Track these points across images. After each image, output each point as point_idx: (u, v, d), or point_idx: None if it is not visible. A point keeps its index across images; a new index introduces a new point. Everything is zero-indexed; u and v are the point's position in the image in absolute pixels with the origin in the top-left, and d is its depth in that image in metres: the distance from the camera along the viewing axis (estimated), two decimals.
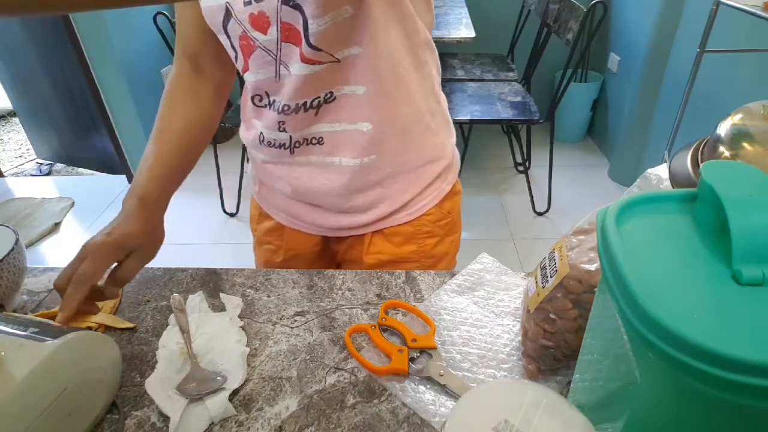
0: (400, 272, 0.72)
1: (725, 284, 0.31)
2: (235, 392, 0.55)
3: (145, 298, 0.69)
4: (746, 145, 0.54)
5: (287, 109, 0.66)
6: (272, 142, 0.71)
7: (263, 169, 0.76)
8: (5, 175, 3.03)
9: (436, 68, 0.73)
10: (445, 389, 0.55)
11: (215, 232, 2.40)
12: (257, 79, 0.67)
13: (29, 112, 2.97)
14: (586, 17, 1.88)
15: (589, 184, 2.71)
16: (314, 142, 0.69)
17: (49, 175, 3.03)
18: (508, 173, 2.81)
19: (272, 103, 0.68)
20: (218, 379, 0.55)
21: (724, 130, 0.56)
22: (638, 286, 0.30)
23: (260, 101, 0.69)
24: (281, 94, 0.66)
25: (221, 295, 0.68)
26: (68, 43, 2.38)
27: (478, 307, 0.65)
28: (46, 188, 2.82)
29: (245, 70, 0.67)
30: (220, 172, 2.48)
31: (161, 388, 0.54)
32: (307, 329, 0.63)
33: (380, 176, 0.71)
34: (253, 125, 0.74)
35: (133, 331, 0.64)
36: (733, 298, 0.30)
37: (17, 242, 0.64)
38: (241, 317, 0.65)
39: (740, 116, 0.56)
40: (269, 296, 0.69)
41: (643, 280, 0.31)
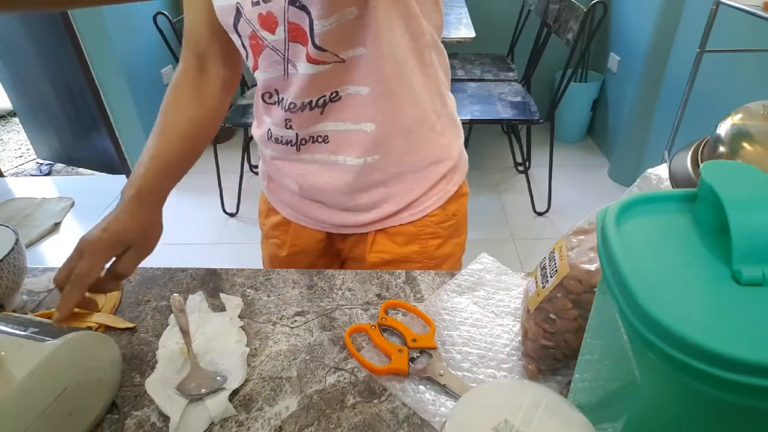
0: (400, 272, 0.72)
1: (725, 284, 0.31)
2: (235, 392, 0.55)
3: (145, 298, 0.69)
4: (746, 145, 0.54)
5: (293, 107, 0.67)
6: (279, 138, 0.72)
7: (272, 165, 0.78)
8: (5, 175, 3.03)
9: (443, 69, 0.73)
10: (445, 389, 0.55)
11: (215, 232, 2.40)
12: (266, 77, 0.68)
13: (29, 112, 2.97)
14: (586, 17, 1.88)
15: (589, 184, 2.70)
16: (320, 140, 0.70)
17: (49, 175, 3.03)
18: (508, 173, 2.81)
19: (280, 100, 0.69)
20: (218, 379, 0.55)
21: (724, 130, 0.56)
22: (638, 286, 0.30)
23: (270, 98, 0.71)
24: (288, 92, 0.67)
25: (221, 295, 0.68)
26: (68, 43, 2.38)
27: (478, 307, 0.65)
28: (46, 188, 2.82)
29: (255, 68, 0.68)
30: (220, 172, 2.48)
31: (161, 388, 0.54)
32: (307, 329, 0.63)
33: (384, 176, 0.72)
34: (263, 122, 0.75)
35: (133, 331, 0.64)
36: (733, 298, 0.30)
37: (17, 242, 0.64)
38: (241, 317, 0.65)
39: (740, 116, 0.56)
40: (269, 296, 0.69)
41: (643, 280, 0.31)
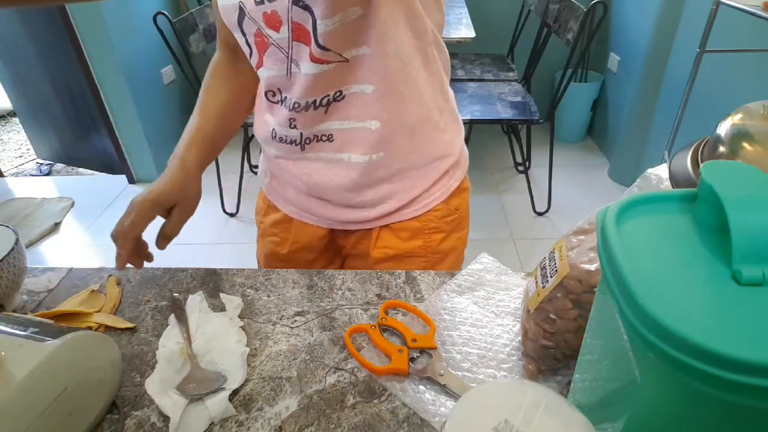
0: (400, 272, 0.72)
1: (725, 284, 0.31)
2: (235, 392, 0.55)
3: (145, 298, 0.69)
4: (746, 145, 0.54)
5: (297, 106, 0.67)
6: (283, 138, 0.73)
7: (275, 163, 0.78)
8: (5, 175, 3.03)
9: (444, 66, 0.74)
10: (445, 389, 0.55)
11: (215, 232, 2.40)
12: (270, 75, 0.68)
13: (29, 112, 2.97)
14: (586, 17, 1.88)
15: (589, 184, 2.70)
16: (324, 139, 0.70)
17: (49, 175, 3.03)
18: (508, 173, 2.81)
19: (284, 100, 0.69)
20: (218, 379, 0.55)
21: (724, 130, 0.56)
22: (638, 286, 0.30)
23: (273, 97, 0.71)
24: (292, 91, 0.67)
25: (221, 295, 0.68)
26: (68, 43, 2.38)
27: (478, 307, 0.65)
28: (46, 188, 2.82)
29: (259, 66, 0.69)
30: (220, 172, 2.48)
31: (161, 388, 0.54)
32: (307, 329, 0.63)
33: (389, 173, 0.72)
34: (266, 121, 0.76)
35: (133, 331, 0.64)
36: (733, 298, 0.30)
37: (17, 242, 0.64)
38: (241, 317, 0.65)
39: (740, 116, 0.56)
40: (269, 296, 0.69)
41: (643, 280, 0.31)
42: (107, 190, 2.77)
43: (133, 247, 0.66)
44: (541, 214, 2.46)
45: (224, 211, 2.51)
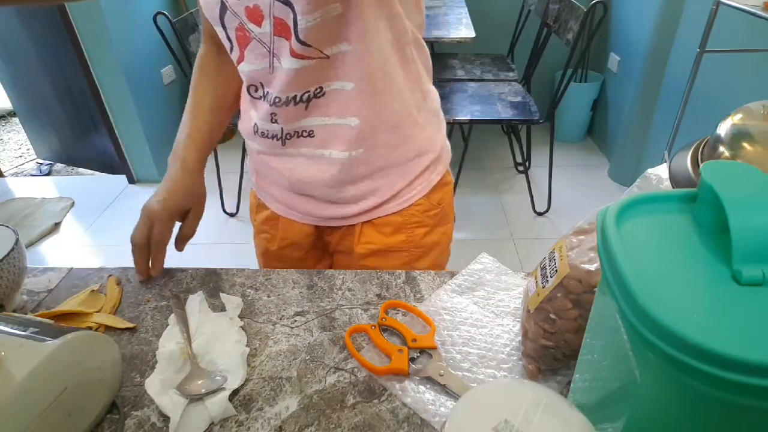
0: (400, 272, 0.72)
1: (725, 284, 0.31)
2: (235, 392, 0.55)
3: (145, 298, 0.69)
4: (746, 145, 0.54)
5: (278, 101, 0.68)
6: (265, 132, 0.73)
7: (258, 159, 0.79)
8: (5, 175, 3.03)
9: (424, 65, 0.75)
10: (445, 389, 0.55)
11: (215, 232, 2.40)
12: (252, 69, 0.69)
13: (29, 112, 2.97)
14: (586, 17, 1.88)
15: (589, 184, 2.71)
16: (305, 134, 0.71)
17: (49, 175, 3.03)
18: (508, 173, 2.81)
19: (266, 95, 0.70)
20: (218, 379, 0.55)
21: (724, 130, 0.56)
22: (638, 286, 0.30)
23: (255, 92, 0.72)
24: (273, 86, 0.68)
25: (221, 295, 0.68)
26: (68, 43, 2.38)
27: (478, 307, 0.65)
28: (46, 188, 2.82)
29: (240, 60, 0.69)
30: (220, 172, 2.48)
31: (161, 388, 0.54)
32: (307, 329, 0.63)
33: (369, 169, 0.73)
34: (249, 116, 0.76)
35: (133, 331, 0.64)
36: (733, 298, 0.30)
37: (17, 242, 0.64)
38: (241, 317, 0.65)
39: (740, 116, 0.56)
40: (269, 296, 0.69)
41: (643, 280, 0.31)
42: (107, 190, 2.77)
43: (165, 254, 0.73)
44: (541, 214, 2.46)
45: (224, 211, 2.51)
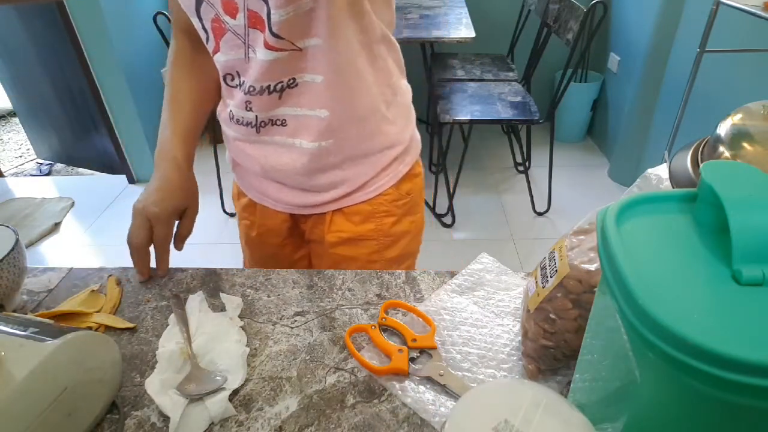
0: (400, 272, 0.72)
1: (725, 284, 0.31)
2: (235, 392, 0.55)
3: (145, 298, 0.69)
4: (746, 145, 0.54)
5: (253, 90, 0.70)
6: (240, 120, 0.75)
7: (235, 146, 0.81)
8: (5, 175, 3.03)
9: (394, 61, 0.77)
10: (445, 389, 0.55)
11: (215, 232, 2.40)
12: (228, 59, 0.70)
13: (29, 112, 2.97)
14: (586, 17, 1.88)
15: (589, 184, 2.70)
16: (278, 123, 0.73)
17: (49, 175, 3.03)
18: (508, 173, 2.81)
19: (241, 83, 0.71)
20: (218, 379, 0.55)
21: (724, 130, 0.56)
22: (638, 286, 0.30)
23: (231, 80, 0.73)
24: (248, 75, 0.70)
25: (221, 295, 0.68)
26: (68, 43, 2.38)
27: (478, 307, 0.65)
28: (46, 188, 2.82)
29: (216, 51, 0.71)
30: (220, 172, 2.48)
31: (161, 388, 0.54)
32: (307, 329, 0.63)
33: (338, 159, 0.75)
34: (226, 103, 0.78)
35: (133, 331, 0.64)
36: (733, 298, 0.30)
37: (17, 242, 0.64)
38: (241, 317, 0.65)
39: (740, 116, 0.56)
40: (269, 296, 0.69)
41: (643, 280, 0.31)
42: (107, 190, 2.77)
43: (169, 255, 0.73)
44: (541, 214, 2.46)
45: (224, 211, 2.51)
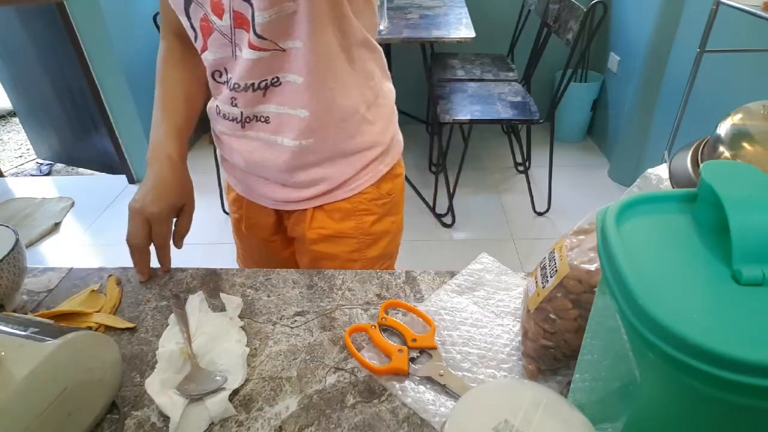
0: (400, 272, 0.72)
1: (725, 284, 0.31)
2: (235, 392, 0.55)
3: (145, 298, 0.69)
4: (746, 145, 0.54)
5: (238, 87, 0.72)
6: (226, 115, 0.77)
7: (221, 140, 0.83)
8: (5, 175, 3.03)
9: (376, 64, 0.78)
10: (445, 389, 0.55)
11: (215, 232, 2.40)
12: (216, 57, 0.72)
13: (29, 112, 2.97)
14: (586, 17, 1.88)
15: (589, 184, 2.70)
16: (262, 120, 0.74)
17: (49, 175, 3.03)
18: (508, 173, 2.81)
19: (228, 80, 0.73)
20: (218, 379, 0.55)
21: (724, 130, 0.56)
22: (638, 286, 0.30)
23: (219, 77, 0.75)
24: (234, 72, 0.71)
25: (221, 295, 0.68)
26: (68, 43, 2.38)
27: (478, 307, 0.65)
28: (46, 188, 2.82)
29: (204, 49, 0.72)
30: (219, 172, 2.48)
31: (161, 388, 0.54)
32: (307, 329, 0.63)
33: (319, 158, 0.77)
34: (214, 98, 0.80)
35: (133, 331, 0.64)
36: (733, 298, 0.30)
37: (17, 242, 0.64)
38: (241, 317, 0.65)
39: (740, 116, 0.56)
40: (269, 296, 0.69)
41: (643, 280, 0.31)
42: (107, 190, 2.77)
43: (170, 252, 0.74)
44: (541, 214, 2.46)
45: (224, 211, 2.51)
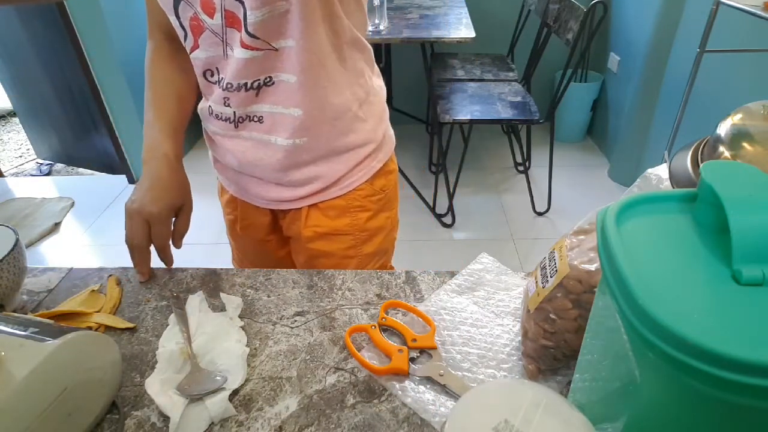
0: (400, 272, 0.72)
1: (725, 284, 0.31)
2: (235, 392, 0.55)
3: (145, 298, 0.69)
4: (746, 145, 0.54)
5: (230, 87, 0.72)
6: (219, 115, 0.77)
7: (213, 141, 0.83)
8: (5, 175, 3.03)
9: (366, 62, 0.79)
10: (445, 389, 0.55)
11: (215, 232, 2.40)
12: (208, 55, 0.72)
13: (29, 112, 2.97)
14: (586, 17, 1.88)
15: (589, 184, 2.70)
16: (255, 119, 0.75)
17: (49, 175, 3.03)
18: (508, 173, 2.81)
19: (220, 80, 0.73)
20: (218, 379, 0.55)
21: (724, 130, 0.56)
22: (638, 286, 0.30)
23: (211, 76, 0.75)
24: (226, 72, 0.71)
25: (221, 295, 0.68)
26: (68, 43, 2.38)
27: (478, 307, 0.65)
28: (46, 188, 2.82)
29: (194, 48, 0.72)
30: None
31: (161, 388, 0.54)
32: (307, 329, 0.63)
33: (312, 156, 0.77)
34: (206, 99, 0.80)
35: (133, 331, 0.64)
36: (733, 298, 0.30)
37: (17, 242, 0.64)
38: (241, 317, 0.65)
39: (740, 116, 0.56)
40: (269, 296, 0.69)
41: (643, 280, 0.31)
42: (107, 190, 2.76)
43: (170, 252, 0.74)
44: (541, 214, 2.46)
45: None
